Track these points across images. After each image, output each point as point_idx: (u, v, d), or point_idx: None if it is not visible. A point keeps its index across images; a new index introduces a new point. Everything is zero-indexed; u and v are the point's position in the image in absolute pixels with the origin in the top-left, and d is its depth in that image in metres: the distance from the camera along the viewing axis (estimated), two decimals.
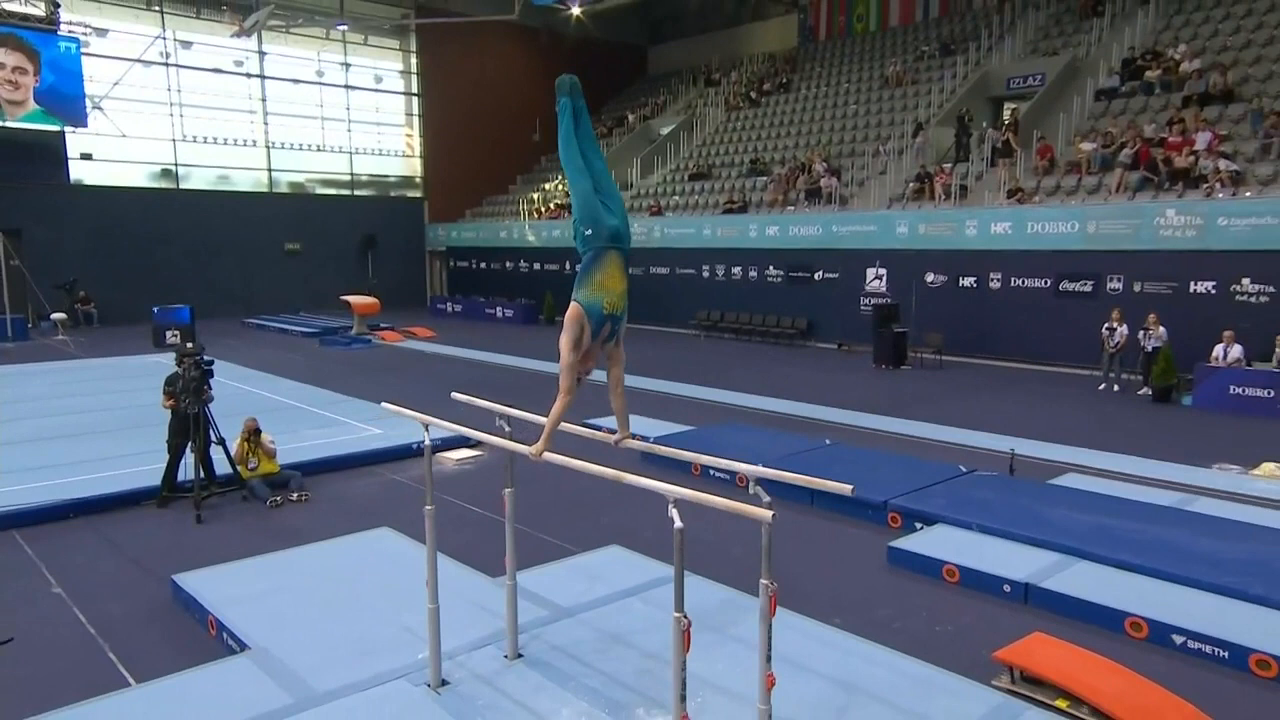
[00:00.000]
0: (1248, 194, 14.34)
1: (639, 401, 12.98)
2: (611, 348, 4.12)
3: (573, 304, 3.97)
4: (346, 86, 29.42)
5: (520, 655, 5.02)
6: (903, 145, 21.28)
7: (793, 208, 21.25)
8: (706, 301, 21.74)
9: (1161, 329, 13.52)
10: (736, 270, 21.32)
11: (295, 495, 8.51)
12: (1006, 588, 6.12)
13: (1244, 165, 14.89)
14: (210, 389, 8.39)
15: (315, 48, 28.63)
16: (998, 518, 7.11)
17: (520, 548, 7.02)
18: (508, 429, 4.95)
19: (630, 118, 31.94)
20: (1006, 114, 21.31)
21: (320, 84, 28.87)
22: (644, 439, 4.97)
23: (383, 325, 22.20)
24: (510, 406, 5.13)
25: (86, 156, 24.70)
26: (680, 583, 3.43)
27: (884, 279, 18.39)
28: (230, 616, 5.50)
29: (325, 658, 4.99)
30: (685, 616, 3.39)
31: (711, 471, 9.04)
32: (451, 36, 29.89)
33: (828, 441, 9.95)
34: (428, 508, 4.81)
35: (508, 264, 27.81)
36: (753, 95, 28.50)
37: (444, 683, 4.71)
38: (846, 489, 3.50)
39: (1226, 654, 5.17)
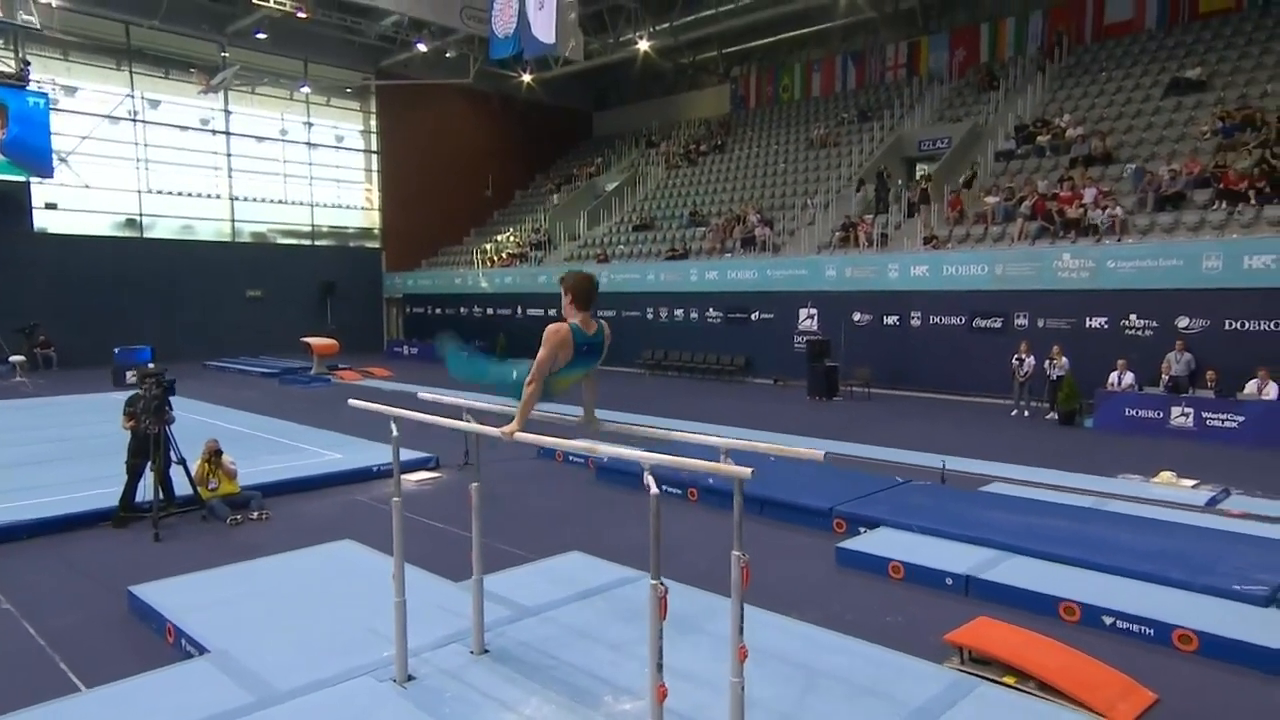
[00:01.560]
0: (1130, 240, 14.99)
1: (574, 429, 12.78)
2: (591, 374, 4.26)
3: (564, 328, 3.92)
4: (309, 144, 29.01)
5: (486, 650, 4.72)
6: (829, 199, 21.79)
7: (730, 255, 21.49)
8: (651, 341, 21.71)
9: (1064, 359, 13.91)
10: (679, 312, 21.37)
11: (256, 514, 8.04)
12: (949, 581, 6.04)
13: (1125, 216, 15.58)
14: (171, 409, 7.93)
15: (279, 108, 28.23)
16: (936, 520, 7.06)
17: (483, 557, 6.78)
18: (467, 417, 4.68)
19: (577, 175, 32.16)
20: (919, 172, 22.04)
21: (284, 141, 28.43)
22: (596, 459, 4.77)
23: (341, 365, 21.57)
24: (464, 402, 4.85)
25: (51, 206, 23.71)
26: (656, 551, 3.23)
27: (815, 318, 18.62)
28: (189, 623, 5.07)
29: (289, 658, 4.62)
30: (661, 583, 3.19)
31: (664, 488, 8.85)
32: (409, 99, 29.83)
33: (771, 459, 9.84)
34: (395, 499, 4.54)
35: (462, 309, 27.43)
36: (690, 155, 28.99)
37: (410, 678, 4.39)
38: (818, 454, 3.35)
39: (1152, 631, 5.16)
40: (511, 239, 29.48)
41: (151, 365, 7.88)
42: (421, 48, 26.85)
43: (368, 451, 10.58)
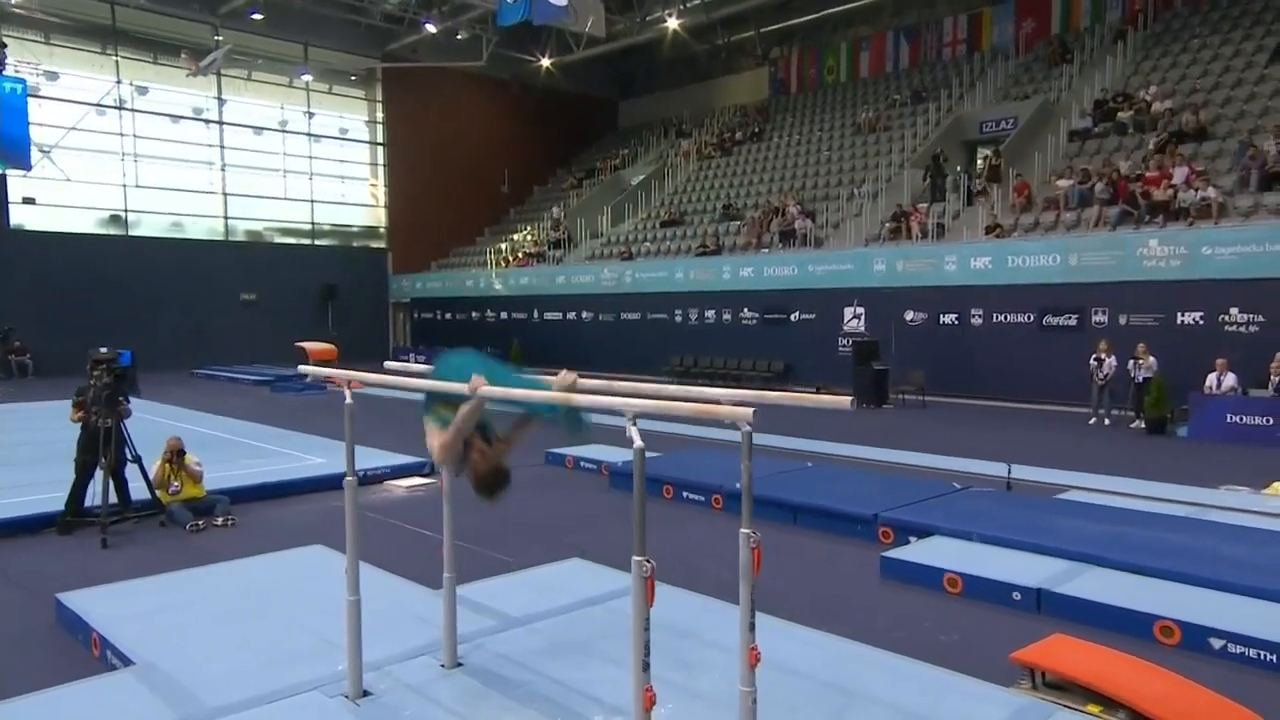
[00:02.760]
0: (1229, 224, 14.31)
1: (608, 436, 12.40)
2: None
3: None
4: (309, 134, 29.23)
5: (460, 664, 4.35)
6: (878, 187, 21.32)
7: (767, 250, 21.08)
8: (679, 346, 21.31)
9: (1151, 359, 13.26)
10: (710, 314, 20.98)
11: (220, 520, 7.77)
12: (1016, 595, 5.54)
13: (1224, 198, 14.91)
14: (126, 402, 7.71)
15: (279, 97, 28.52)
16: (1000, 527, 6.56)
17: (472, 564, 6.43)
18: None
19: (600, 168, 32.02)
20: (980, 157, 21.49)
21: (283, 132, 28.68)
22: (610, 464, 4.36)
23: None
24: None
25: (29, 201, 24.08)
26: (641, 518, 2.84)
27: (862, 318, 18.11)
28: (116, 633, 4.76)
29: (227, 671, 4.28)
30: (649, 561, 2.80)
31: (684, 495, 8.46)
32: (419, 87, 29.96)
33: (809, 465, 9.40)
34: (348, 479, 4.20)
35: (474, 314, 27.30)
36: (724, 145, 28.70)
37: (365, 693, 4.02)
38: (845, 401, 2.94)
39: (1275, 657, 4.62)
40: (529, 237, 29.36)
41: (104, 350, 7.66)
42: (430, 28, 26.95)
43: (364, 456, 10.28)
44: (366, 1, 26.53)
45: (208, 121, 27.12)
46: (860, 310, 18.18)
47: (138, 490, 7.85)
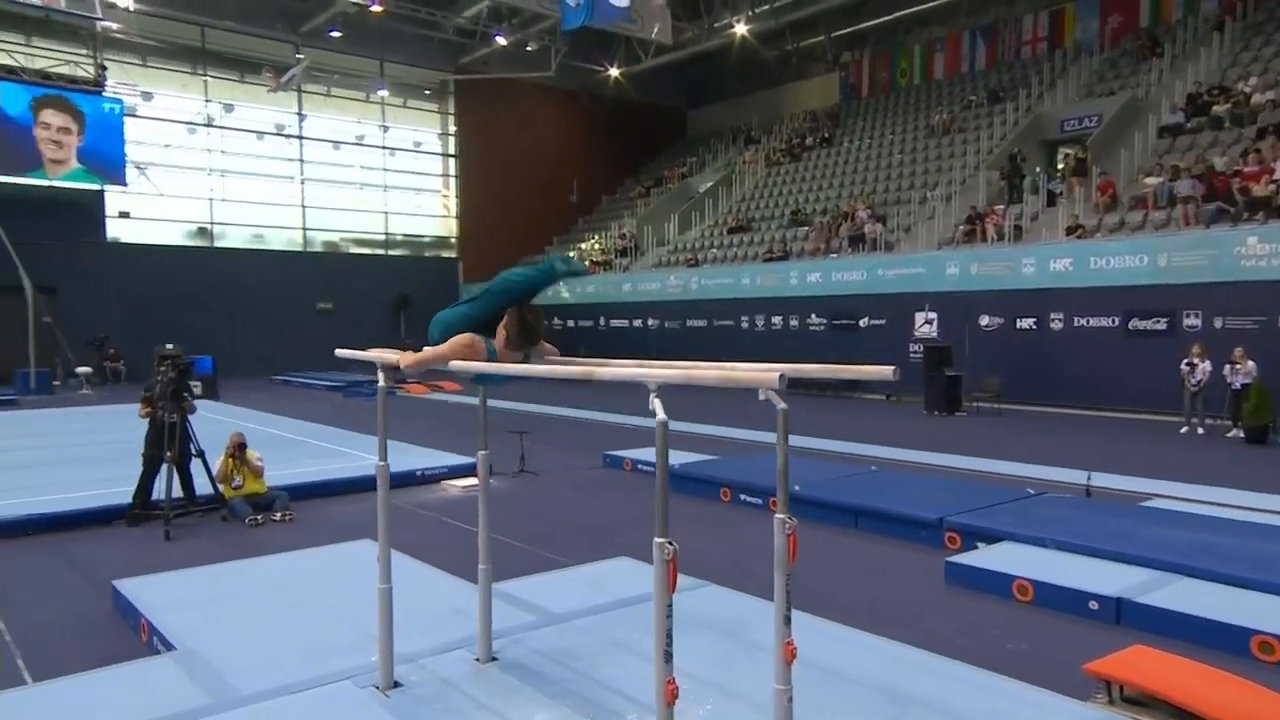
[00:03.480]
0: None
1: (675, 441, 12.23)
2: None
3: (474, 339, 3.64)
4: (384, 148, 29.96)
5: (495, 658, 4.22)
6: (951, 190, 20.67)
7: (835, 255, 20.63)
8: (745, 352, 20.91)
9: (1251, 364, 12.42)
10: (777, 320, 20.61)
11: (279, 515, 7.85)
12: (1093, 604, 5.14)
13: None
14: (190, 397, 7.87)
15: (356, 112, 29.33)
16: (1077, 534, 6.13)
17: (522, 562, 6.34)
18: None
19: (668, 176, 31.97)
20: (1060, 156, 20.66)
21: (360, 145, 29.47)
22: (670, 467, 4.19)
23: (409, 379, 21.77)
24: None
25: (124, 215, 25.23)
26: (663, 489, 2.65)
27: (934, 323, 17.52)
28: (162, 619, 4.79)
29: (264, 660, 4.25)
30: (671, 543, 2.61)
31: (742, 497, 8.21)
32: (489, 99, 30.42)
33: (873, 468, 9.04)
34: (379, 464, 4.12)
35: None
36: (793, 151, 28.32)
37: (396, 684, 3.92)
38: (888, 371, 2.70)
39: None
40: (596, 246, 29.45)
41: (170, 347, 7.85)
42: (501, 40, 27.34)
43: (414, 457, 10.38)
44: (439, 16, 27.05)
45: (289, 136, 28.04)
46: (932, 315, 17.59)
47: (203, 485, 8.02)
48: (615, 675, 3.99)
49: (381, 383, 4.11)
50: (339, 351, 4.80)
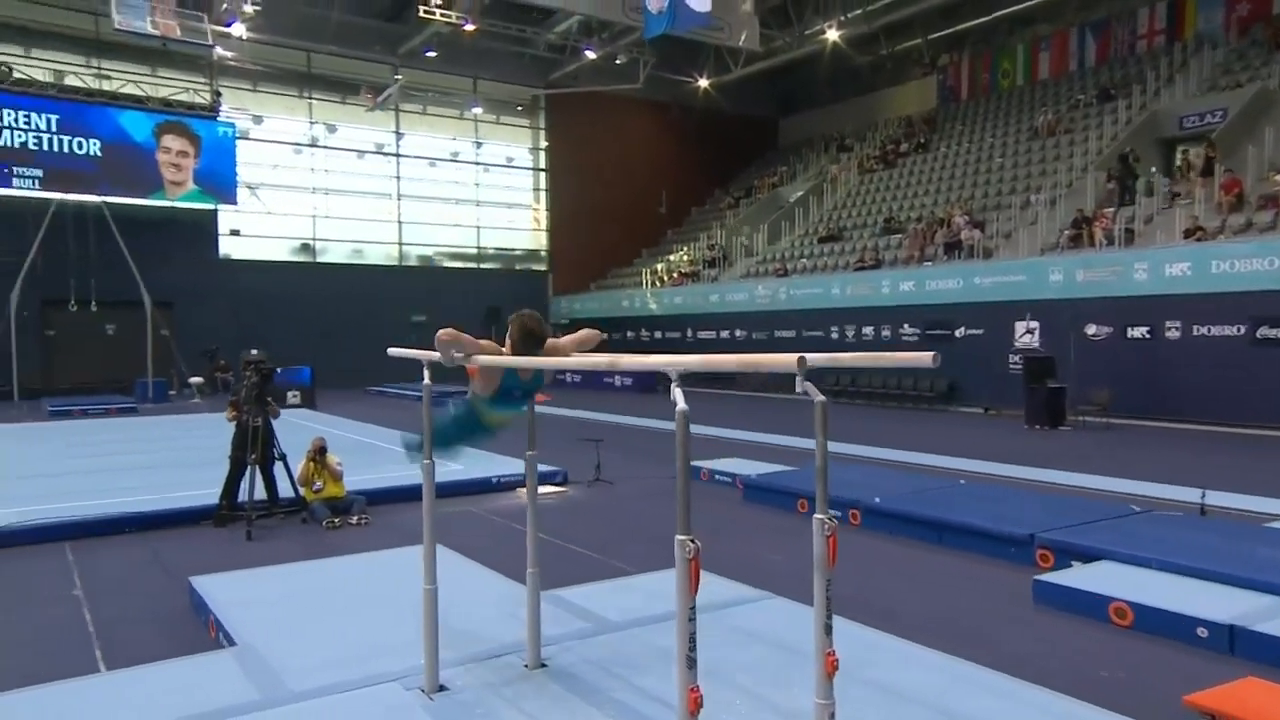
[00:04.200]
0: None
1: (748, 450, 12.00)
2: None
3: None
4: (476, 163, 30.73)
5: (544, 665, 4.13)
6: (1056, 193, 19.72)
7: (930, 263, 19.94)
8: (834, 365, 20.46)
9: None
10: (868, 330, 20.05)
11: (355, 519, 8.01)
12: (1201, 631, 4.69)
13: None
14: (274, 402, 8.12)
15: (451, 129, 30.20)
16: (1187, 555, 5.63)
17: (587, 570, 6.26)
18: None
19: (758, 186, 31.68)
20: (1179, 154, 19.46)
21: (454, 162, 30.32)
22: (744, 477, 4.04)
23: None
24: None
25: (235, 232, 26.61)
26: (685, 482, 2.51)
27: (1036, 333, 16.69)
28: (229, 616, 4.90)
29: (318, 659, 4.28)
30: (693, 541, 2.47)
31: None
32: (579, 113, 30.81)
33: (961, 481, 8.60)
34: (425, 462, 4.11)
35: (629, 333, 27.54)
36: (887, 157, 27.63)
37: (441, 688, 3.87)
38: (926, 357, 2.49)
39: None
40: (684, 257, 29.38)
41: (255, 352, 8.13)
42: (590, 54, 27.68)
43: (492, 464, 10.45)
44: (530, 32, 27.58)
45: (387, 155, 29.07)
46: (1034, 324, 16.76)
47: (287, 489, 8.26)
48: (662, 686, 3.83)
49: (427, 380, 4.09)
50: (392, 350, 4.83)
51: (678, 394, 2.47)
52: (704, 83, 30.17)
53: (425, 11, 23.75)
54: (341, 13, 25.56)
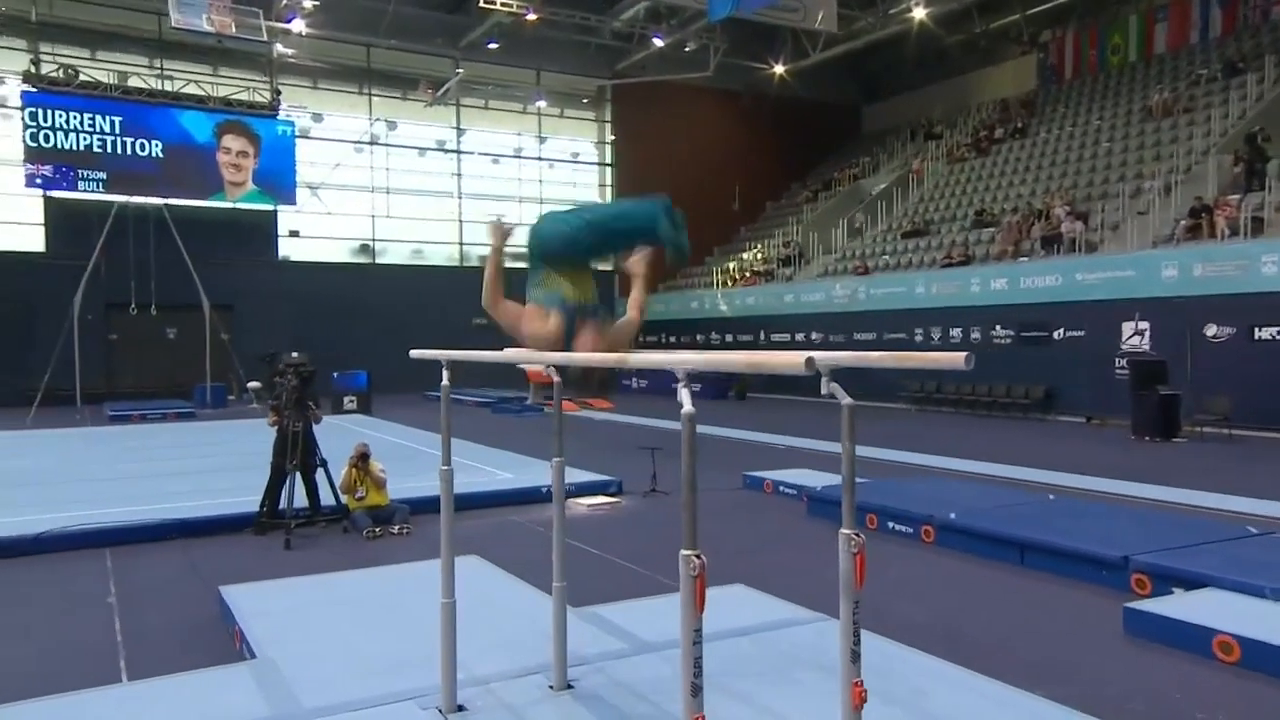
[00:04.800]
0: None
1: (816, 460, 11.75)
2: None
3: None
4: (540, 159, 31.05)
5: (570, 686, 4.08)
6: (1171, 179, 18.84)
7: (1025, 258, 19.27)
8: (918, 370, 19.97)
9: None
10: (955, 332, 19.49)
11: (397, 528, 8.10)
12: None
13: None
14: (316, 406, 8.29)
15: (514, 125, 30.63)
16: None
17: (633, 585, 6.19)
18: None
19: (838, 178, 31.20)
20: None
21: (517, 158, 30.70)
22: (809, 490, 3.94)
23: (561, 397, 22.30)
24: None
25: (294, 234, 27.46)
26: (691, 493, 2.42)
27: (1146, 334, 15.95)
28: (253, 627, 4.98)
29: (336, 674, 4.32)
30: (698, 556, 2.37)
31: (890, 525, 7.68)
32: (647, 104, 30.83)
33: (1050, 497, 8.23)
34: (443, 469, 4.10)
35: (698, 337, 27.42)
36: (980, 144, 26.87)
37: (460, 708, 3.85)
38: (959, 358, 2.33)
39: None
40: (758, 255, 29.12)
41: (295, 355, 8.32)
42: (658, 42, 27.69)
43: (543, 473, 10.46)
44: (594, 20, 27.74)
45: (448, 151, 29.62)
46: (1143, 325, 16.03)
47: (330, 496, 8.41)
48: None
49: (445, 381, 4.09)
50: (414, 352, 4.83)
51: (684, 395, 2.38)
52: (780, 68, 29.86)
53: (485, 2, 24.13)
54: (400, 5, 26.12)
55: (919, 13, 25.34)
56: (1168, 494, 9.24)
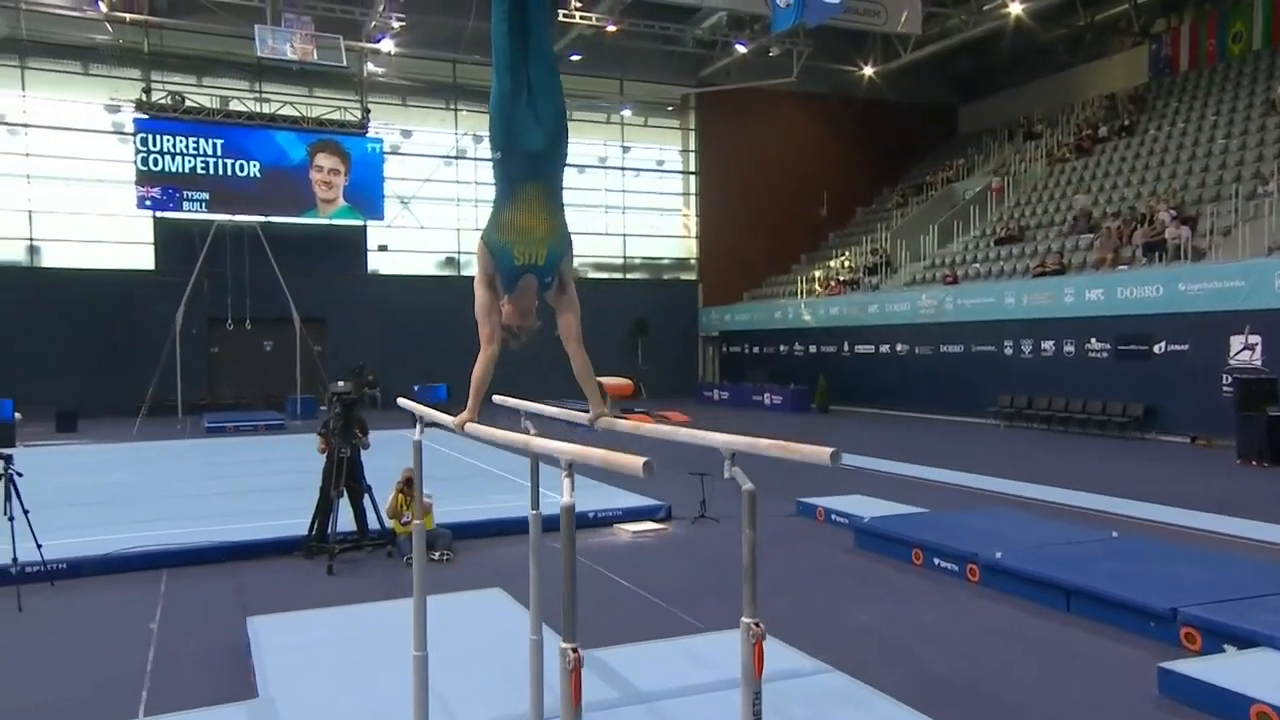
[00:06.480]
0: None
1: (879, 484, 11.45)
2: (555, 294, 3.31)
3: (479, 241, 3.39)
4: (624, 169, 31.29)
5: None
6: None
7: (1126, 266, 18.35)
8: (1008, 384, 19.24)
9: None
10: (1048, 345, 18.70)
11: (438, 555, 8.28)
12: None
13: None
14: (365, 434, 8.55)
15: (599, 135, 30.96)
16: None
17: (649, 624, 6.17)
18: (531, 430, 4.22)
19: (930, 182, 30.38)
20: None
21: (601, 168, 31.04)
22: (857, 520, 3.93)
23: (636, 409, 22.40)
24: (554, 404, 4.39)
25: (383, 248, 28.44)
26: (571, 597, 2.42)
27: (1257, 349, 14.96)
28: (266, 662, 5.18)
29: (332, 716, 4.45)
30: (574, 650, 2.38)
31: (936, 561, 7.44)
32: (732, 110, 30.70)
33: (1114, 534, 7.80)
34: (415, 524, 4.16)
35: (781, 347, 27.09)
36: (1083, 144, 25.73)
37: None
38: (825, 453, 2.27)
39: None
40: (845, 264, 28.62)
41: (340, 384, 8.61)
42: (741, 48, 27.55)
43: (595, 496, 10.54)
44: (675, 30, 27.80)
45: None
46: (1255, 339, 15.04)
47: (376, 520, 8.68)
48: None
49: (418, 436, 4.17)
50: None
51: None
52: (869, 70, 29.28)
53: (565, 15, 24.48)
54: (480, 20, 26.74)
55: (1015, 8, 24.47)
56: (1261, 530, 8.65)
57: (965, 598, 6.77)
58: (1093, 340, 17.82)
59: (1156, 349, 16.64)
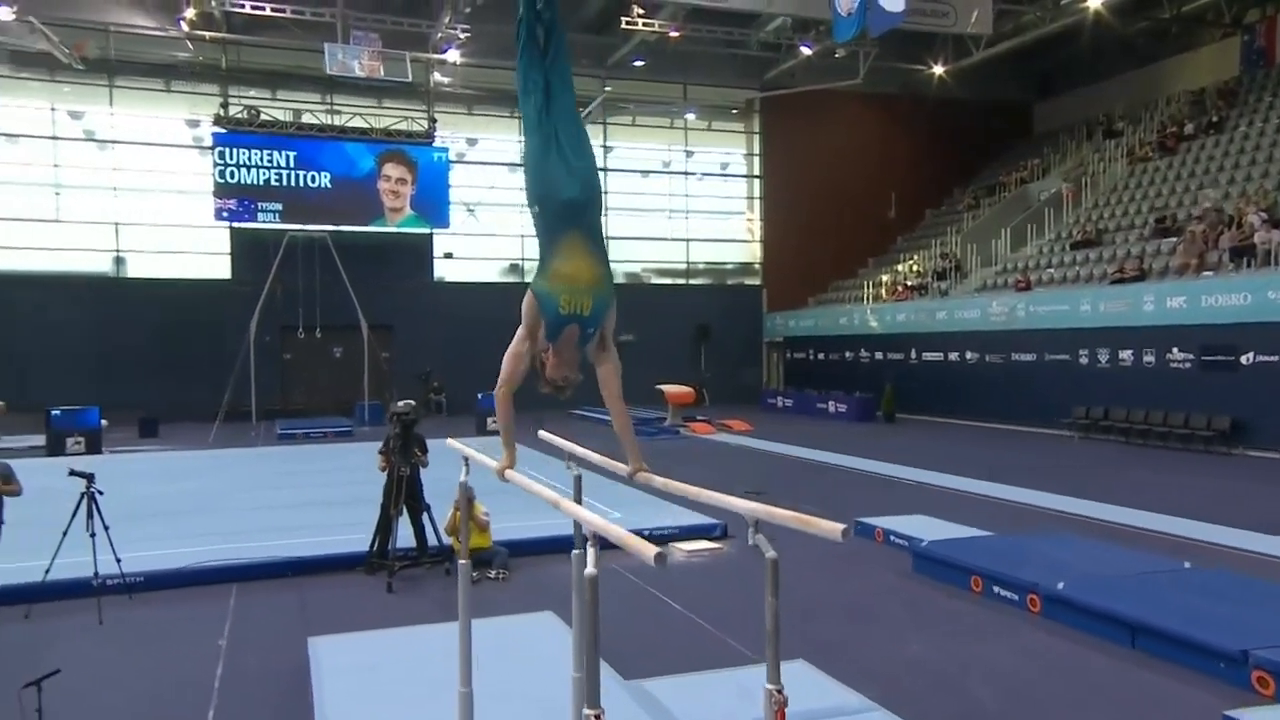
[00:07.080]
0: None
1: (944, 501, 11.27)
2: (595, 349, 3.38)
3: (528, 290, 3.42)
4: (688, 173, 31.34)
5: None
6: None
7: (1211, 273, 17.70)
8: (1084, 394, 18.72)
9: None
10: (1126, 354, 18.16)
11: (494, 573, 8.45)
12: None
13: None
14: (424, 452, 8.76)
15: (663, 139, 31.09)
16: None
17: (696, 653, 6.21)
18: (574, 471, 4.32)
19: (1004, 183, 29.71)
20: None
21: (666, 172, 31.14)
22: (916, 544, 3.97)
23: (699, 418, 22.41)
24: (597, 453, 4.49)
25: (448, 255, 29.00)
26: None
27: None
28: (323, 685, 5.38)
29: None
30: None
31: (995, 590, 7.31)
32: (797, 113, 30.48)
33: (1186, 565, 7.56)
34: (461, 562, 4.27)
35: (846, 354, 26.81)
36: (1166, 142, 24.88)
37: None
38: (838, 529, 2.30)
39: None
40: (913, 268, 28.17)
41: (401, 404, 8.84)
42: (806, 50, 27.35)
43: (653, 512, 10.61)
44: (738, 34, 27.72)
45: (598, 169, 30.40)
46: None
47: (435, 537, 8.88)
48: None
49: (464, 478, 4.27)
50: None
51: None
52: (939, 69, 28.75)
53: (628, 23, 24.64)
54: None
55: (1094, 2, 23.75)
56: None
57: (1024, 630, 6.65)
58: (1174, 350, 17.24)
59: (1244, 359, 16.02)
